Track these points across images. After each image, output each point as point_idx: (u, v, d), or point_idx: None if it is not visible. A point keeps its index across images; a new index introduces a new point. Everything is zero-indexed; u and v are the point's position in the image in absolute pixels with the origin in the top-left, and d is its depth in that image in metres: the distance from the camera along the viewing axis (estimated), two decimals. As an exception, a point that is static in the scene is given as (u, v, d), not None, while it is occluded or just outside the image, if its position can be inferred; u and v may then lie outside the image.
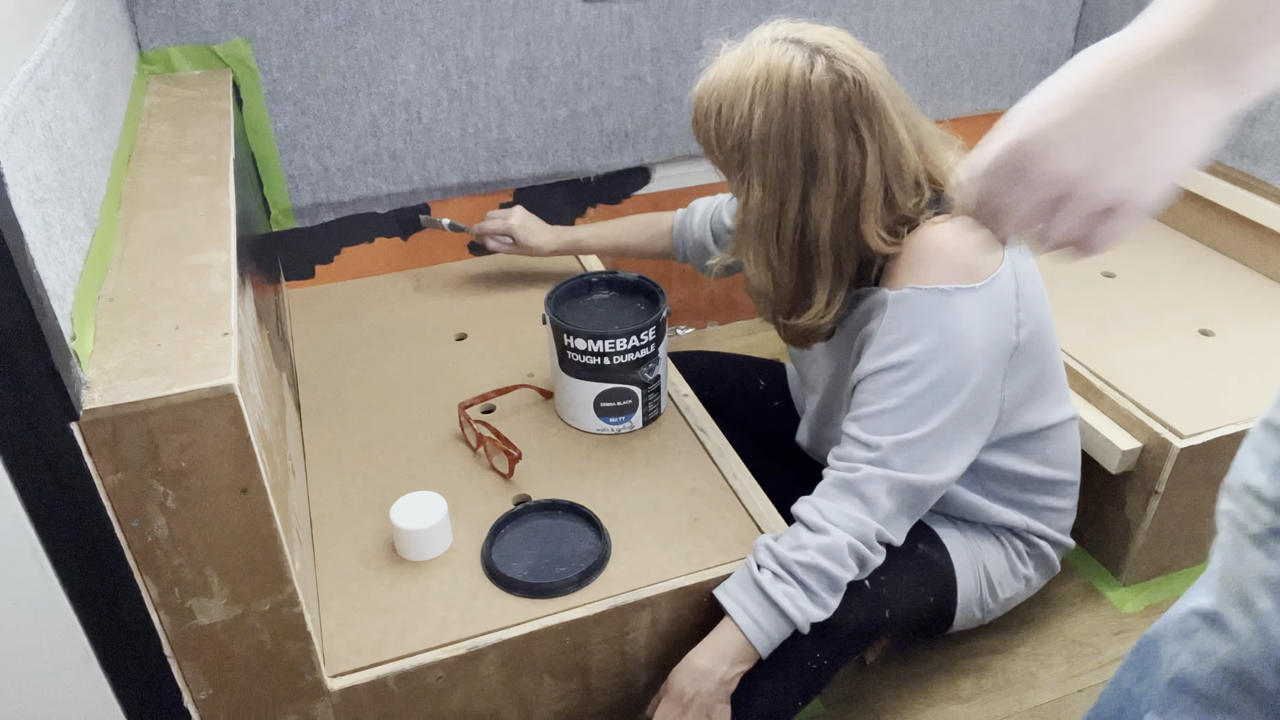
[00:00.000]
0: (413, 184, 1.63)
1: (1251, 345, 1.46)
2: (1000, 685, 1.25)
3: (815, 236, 1.01)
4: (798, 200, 1.00)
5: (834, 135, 0.97)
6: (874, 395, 1.01)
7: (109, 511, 0.73)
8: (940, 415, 1.00)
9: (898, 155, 1.00)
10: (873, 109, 0.98)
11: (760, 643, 0.99)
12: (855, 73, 0.97)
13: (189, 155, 1.09)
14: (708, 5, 1.64)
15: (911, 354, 0.99)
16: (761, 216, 1.01)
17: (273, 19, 1.43)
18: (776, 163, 0.99)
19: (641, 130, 1.71)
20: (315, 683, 0.92)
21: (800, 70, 0.97)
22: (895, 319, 1.00)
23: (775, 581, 0.99)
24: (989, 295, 0.99)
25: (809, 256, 1.03)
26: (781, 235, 1.02)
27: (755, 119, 0.98)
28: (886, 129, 0.99)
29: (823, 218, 1.00)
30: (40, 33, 0.86)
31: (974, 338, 0.99)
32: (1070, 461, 1.19)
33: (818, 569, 0.98)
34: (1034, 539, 1.19)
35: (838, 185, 0.98)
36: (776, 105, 0.97)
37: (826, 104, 0.96)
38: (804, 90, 0.96)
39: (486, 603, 1.04)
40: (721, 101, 1.00)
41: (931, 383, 0.99)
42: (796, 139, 0.97)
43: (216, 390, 0.72)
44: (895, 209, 1.01)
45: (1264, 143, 1.60)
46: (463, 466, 1.23)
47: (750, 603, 0.99)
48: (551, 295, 1.28)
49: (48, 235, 0.71)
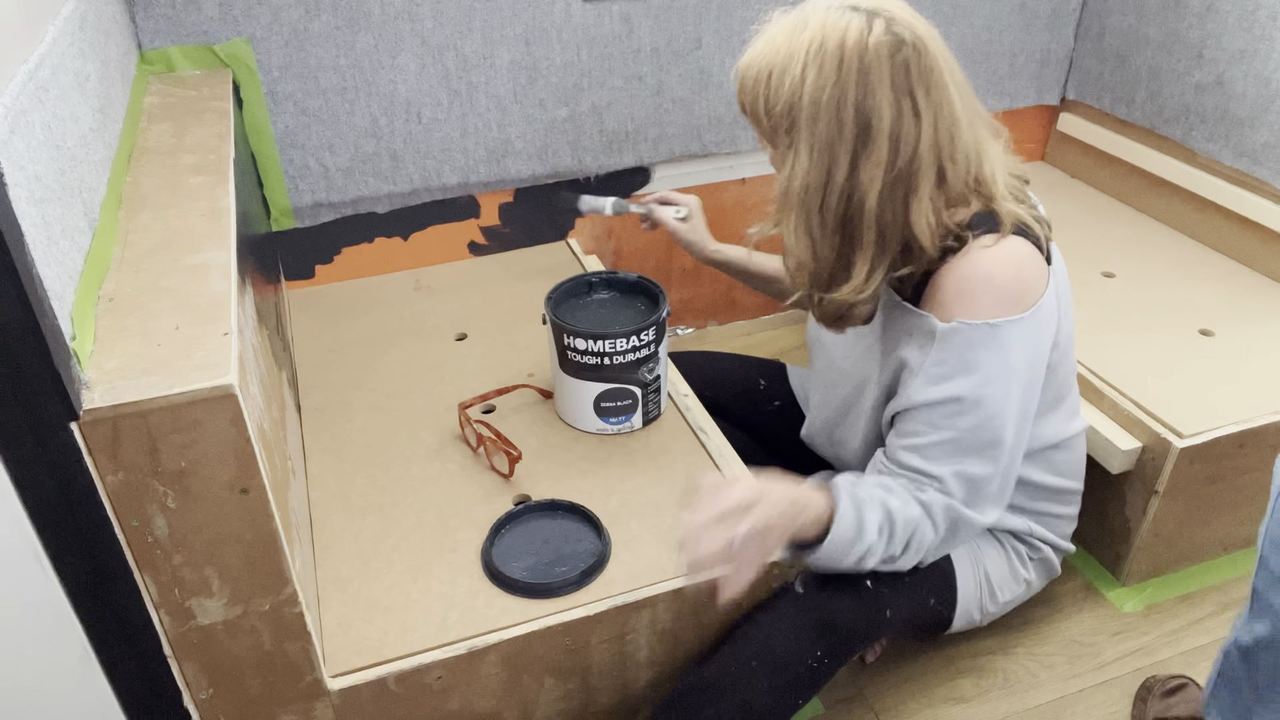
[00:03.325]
0: (413, 184, 1.63)
1: (1251, 345, 1.46)
2: (1000, 685, 1.25)
3: (860, 206, 0.96)
4: (846, 168, 0.95)
5: (889, 101, 0.92)
6: (928, 426, 1.01)
7: (109, 511, 0.73)
8: (1001, 448, 1.01)
9: (952, 128, 0.96)
10: (931, 76, 0.93)
11: (836, 534, 0.98)
12: (915, 37, 0.93)
13: (189, 155, 1.09)
14: (708, 5, 1.64)
15: (963, 390, 0.98)
16: (807, 184, 0.97)
17: (273, 19, 1.43)
18: (827, 129, 0.94)
19: (641, 130, 1.71)
20: (315, 683, 0.92)
21: (858, 32, 0.92)
22: (945, 352, 0.98)
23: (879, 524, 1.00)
24: (1035, 321, 0.99)
25: (852, 227, 0.97)
26: (825, 205, 0.97)
27: (808, 83, 0.93)
28: (943, 99, 0.95)
29: (870, 187, 0.95)
30: (40, 33, 0.86)
31: (1021, 366, 0.99)
32: (1077, 471, 1.20)
33: (907, 531, 1.01)
34: (1036, 543, 1.20)
35: (889, 154, 0.94)
36: (831, 69, 0.92)
37: (884, 68, 0.92)
38: (860, 53, 0.92)
39: (486, 603, 1.04)
40: (773, 67, 0.96)
41: (987, 416, 0.99)
42: (850, 103, 0.92)
43: (216, 390, 0.72)
44: (946, 188, 0.97)
45: (1264, 143, 1.60)
46: (463, 466, 1.23)
47: (847, 513, 0.99)
48: (551, 295, 1.28)
49: (48, 235, 0.71)
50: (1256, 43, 1.58)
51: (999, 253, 0.97)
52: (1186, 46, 1.71)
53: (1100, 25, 1.89)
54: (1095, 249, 1.72)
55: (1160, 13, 1.75)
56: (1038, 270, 0.99)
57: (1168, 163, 1.78)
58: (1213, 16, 1.65)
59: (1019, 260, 0.98)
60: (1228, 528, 1.41)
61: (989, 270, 0.96)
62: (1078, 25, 1.94)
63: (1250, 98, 1.61)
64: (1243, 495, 1.37)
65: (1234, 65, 1.63)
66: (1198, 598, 1.38)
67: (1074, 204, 1.91)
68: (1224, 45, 1.64)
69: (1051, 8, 1.89)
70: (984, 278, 0.96)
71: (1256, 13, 1.57)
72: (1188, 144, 1.75)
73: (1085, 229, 1.80)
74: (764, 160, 1.82)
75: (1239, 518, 1.40)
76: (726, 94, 1.73)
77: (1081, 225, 1.82)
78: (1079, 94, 1.98)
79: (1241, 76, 1.62)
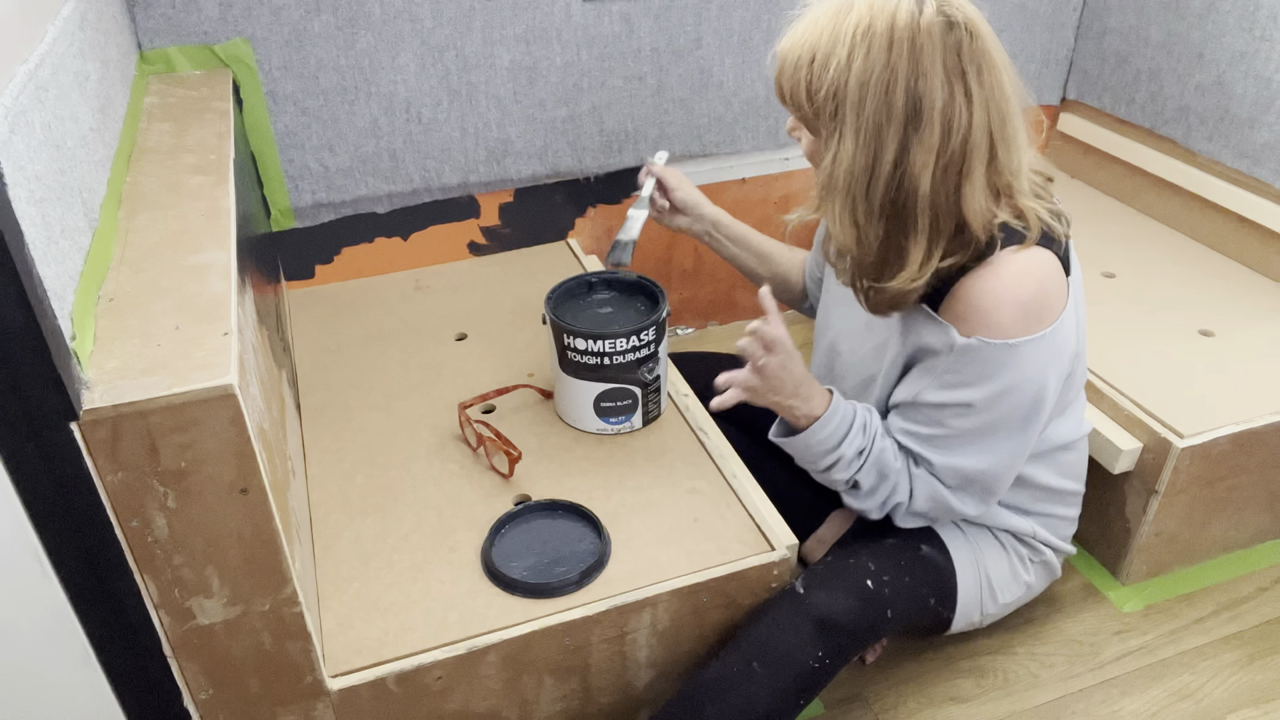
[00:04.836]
0: (413, 184, 1.63)
1: (1251, 345, 1.46)
2: (1000, 685, 1.25)
3: (913, 191, 0.93)
4: (894, 152, 0.92)
5: (942, 83, 0.90)
6: (931, 422, 1.04)
7: (109, 511, 0.73)
8: (1000, 451, 1.03)
9: (1004, 110, 0.93)
10: (984, 58, 0.92)
11: (817, 429, 1.04)
12: (966, 19, 0.91)
13: (189, 155, 1.09)
14: (708, 5, 1.64)
15: (973, 398, 0.99)
16: (853, 170, 0.94)
17: (273, 19, 1.43)
18: (876, 112, 0.91)
19: (641, 130, 1.71)
20: (315, 683, 0.92)
21: (909, 12, 0.90)
22: (961, 364, 0.99)
23: (859, 450, 1.05)
24: (1055, 338, 0.98)
25: (904, 213, 0.95)
26: (872, 190, 0.94)
27: (855, 65, 0.91)
28: (995, 82, 0.92)
29: (923, 171, 0.92)
30: (40, 33, 0.86)
31: (1036, 381, 0.99)
32: (1080, 473, 1.20)
33: (877, 468, 1.06)
34: (1038, 545, 1.20)
35: (941, 137, 0.91)
36: (880, 50, 0.90)
37: (936, 49, 0.90)
38: (912, 33, 0.90)
39: (486, 603, 1.04)
40: (816, 50, 0.93)
41: (989, 422, 1.01)
42: (900, 85, 0.90)
43: (216, 390, 0.72)
44: (999, 172, 0.96)
45: (1264, 143, 1.60)
46: (463, 466, 1.23)
47: (843, 422, 1.05)
48: (551, 295, 1.28)
49: (48, 235, 0.71)
50: (1256, 43, 1.58)
51: (1024, 266, 0.96)
52: (1187, 47, 1.71)
53: (1100, 25, 1.89)
54: (1095, 249, 1.72)
55: (1160, 13, 1.75)
56: (1059, 286, 0.99)
57: (1168, 163, 1.78)
58: (1213, 17, 1.65)
59: (1042, 276, 0.97)
60: (1228, 528, 1.41)
61: (1013, 287, 0.95)
62: (1078, 25, 1.94)
63: (1250, 98, 1.61)
64: (1243, 495, 1.37)
65: (1234, 65, 1.63)
66: (1198, 598, 1.38)
67: (1074, 204, 1.91)
68: (1224, 45, 1.64)
69: (1051, 8, 1.89)
70: (1008, 294, 0.95)
71: (1256, 13, 1.57)
72: (1188, 144, 1.75)
73: (1085, 229, 1.80)
74: (764, 160, 1.82)
75: (1239, 518, 1.40)
76: (726, 94, 1.73)
77: (1081, 225, 1.80)
78: (1079, 94, 1.98)
79: (1241, 77, 1.62)
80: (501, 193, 1.70)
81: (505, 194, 1.70)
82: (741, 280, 1.93)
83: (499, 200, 1.70)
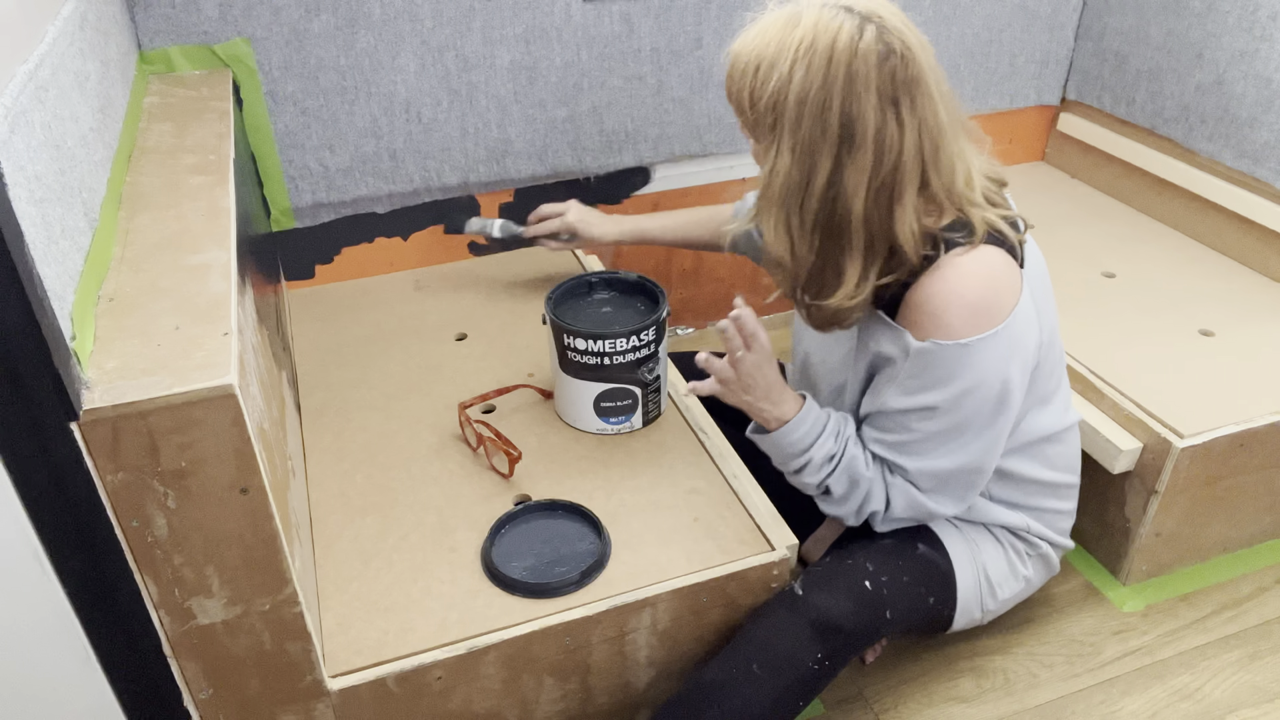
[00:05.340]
0: (413, 184, 1.63)
1: (1251, 345, 1.46)
2: (1000, 685, 1.25)
3: (848, 212, 0.96)
4: (828, 171, 0.95)
5: (874, 108, 0.92)
6: (899, 427, 1.05)
7: (109, 511, 0.73)
8: (971, 449, 1.04)
9: (936, 138, 0.96)
10: (917, 86, 0.93)
11: (788, 431, 1.07)
12: (904, 47, 0.93)
13: (189, 155, 1.09)
14: (708, 5, 1.64)
15: (936, 400, 1.00)
16: (788, 183, 0.96)
17: (273, 19, 1.43)
18: (810, 130, 0.93)
19: (641, 130, 1.71)
20: (315, 683, 0.92)
21: (849, 37, 0.92)
22: (919, 368, 1.00)
23: (829, 455, 1.07)
24: (1010, 332, 0.99)
25: (839, 232, 0.97)
26: (806, 206, 0.97)
27: (794, 81, 0.93)
28: (928, 110, 0.95)
29: (856, 192, 0.95)
30: (40, 33, 0.86)
31: (996, 377, 1.00)
32: (1072, 465, 1.20)
33: (849, 477, 1.07)
34: (1034, 540, 1.20)
35: (874, 160, 0.94)
36: (819, 69, 0.92)
37: (871, 75, 0.92)
38: (849, 57, 0.91)
39: (486, 603, 1.04)
40: (761, 60, 0.95)
41: (956, 423, 1.02)
42: (835, 107, 0.92)
43: (216, 390, 0.72)
44: (930, 196, 0.98)
45: (1264, 143, 1.60)
46: (463, 466, 1.23)
47: (814, 427, 1.07)
48: (551, 295, 1.28)
49: (48, 235, 0.71)
50: (1256, 43, 1.58)
51: (970, 268, 0.97)
52: (1187, 47, 1.71)
53: (1100, 25, 1.89)
54: (1095, 249, 1.72)
55: (1160, 13, 1.75)
56: (1010, 280, 0.99)
57: (1168, 163, 1.78)
58: (1213, 17, 1.65)
59: (989, 273, 0.98)
60: (1228, 528, 1.41)
61: (959, 289, 0.97)
62: (1078, 25, 1.94)
63: (1250, 98, 1.61)
64: (1243, 495, 1.37)
65: (1234, 65, 1.63)
66: (1198, 598, 1.38)
67: (1074, 204, 1.91)
68: (1224, 45, 1.64)
69: (1051, 8, 1.89)
70: (955, 295, 0.97)
71: (1256, 13, 1.57)
72: (1188, 144, 1.75)
73: (1085, 229, 1.80)
74: (764, 160, 1.82)
75: (1239, 518, 1.40)
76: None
77: (1081, 225, 1.82)
78: (1079, 94, 1.98)
79: (1241, 77, 1.62)
80: (501, 193, 1.70)
81: (505, 194, 1.70)
82: (741, 280, 1.93)
83: (499, 200, 1.70)
